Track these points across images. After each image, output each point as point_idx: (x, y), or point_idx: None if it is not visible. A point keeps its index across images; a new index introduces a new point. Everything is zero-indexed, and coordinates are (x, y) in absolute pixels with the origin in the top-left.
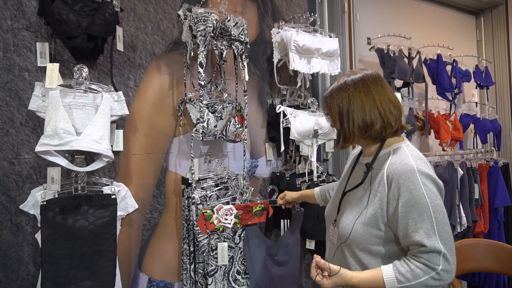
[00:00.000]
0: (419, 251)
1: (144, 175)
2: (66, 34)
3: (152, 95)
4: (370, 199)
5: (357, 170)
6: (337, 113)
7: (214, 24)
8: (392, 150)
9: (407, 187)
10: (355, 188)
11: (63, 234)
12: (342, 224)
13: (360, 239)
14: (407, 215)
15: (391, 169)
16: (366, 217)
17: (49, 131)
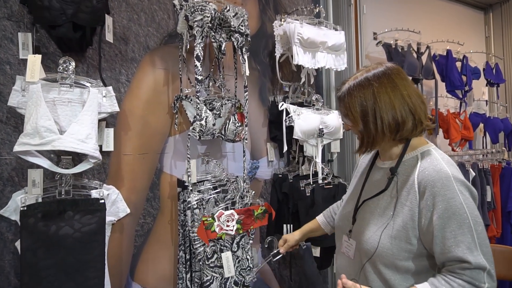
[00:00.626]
0: (461, 267)
1: (136, 177)
2: (49, 23)
3: (146, 91)
4: (398, 209)
5: (375, 175)
6: (359, 114)
7: (212, 14)
8: (419, 154)
9: (443, 195)
10: (377, 195)
11: (46, 243)
12: (364, 236)
13: (387, 253)
14: (445, 227)
15: (423, 176)
16: (394, 229)
17: (29, 129)
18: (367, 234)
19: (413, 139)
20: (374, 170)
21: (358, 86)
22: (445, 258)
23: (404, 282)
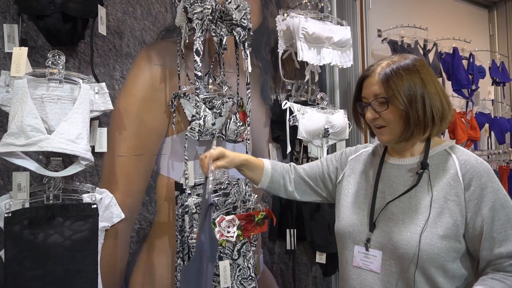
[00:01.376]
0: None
1: (131, 180)
2: (37, 13)
3: (141, 89)
4: (441, 205)
5: (391, 173)
6: (407, 98)
7: (213, 6)
8: (447, 148)
9: (491, 187)
10: (406, 192)
11: (32, 252)
12: (403, 241)
13: (439, 255)
14: (494, 220)
15: (466, 168)
16: (443, 226)
17: (14, 128)
18: (408, 237)
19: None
20: (387, 168)
21: (406, 69)
22: (493, 255)
23: (453, 287)
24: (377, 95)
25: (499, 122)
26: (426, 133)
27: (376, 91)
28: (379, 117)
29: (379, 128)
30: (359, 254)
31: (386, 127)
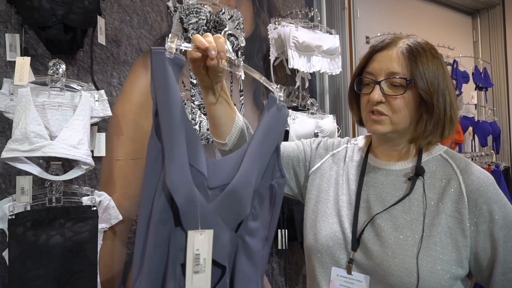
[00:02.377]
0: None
1: (129, 183)
2: (39, 24)
3: (138, 95)
4: (438, 221)
5: (379, 178)
6: (431, 85)
7: (207, 17)
8: (442, 153)
9: (498, 202)
10: (394, 205)
11: (35, 253)
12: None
13: (438, 283)
14: (507, 241)
15: (470, 179)
16: (442, 248)
17: (18, 134)
18: (404, 262)
19: None
20: (372, 172)
21: (430, 50)
22: (508, 279)
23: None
24: (394, 73)
25: (482, 125)
26: (443, 137)
27: (395, 69)
28: (385, 101)
29: (378, 116)
30: (338, 278)
31: (387, 116)
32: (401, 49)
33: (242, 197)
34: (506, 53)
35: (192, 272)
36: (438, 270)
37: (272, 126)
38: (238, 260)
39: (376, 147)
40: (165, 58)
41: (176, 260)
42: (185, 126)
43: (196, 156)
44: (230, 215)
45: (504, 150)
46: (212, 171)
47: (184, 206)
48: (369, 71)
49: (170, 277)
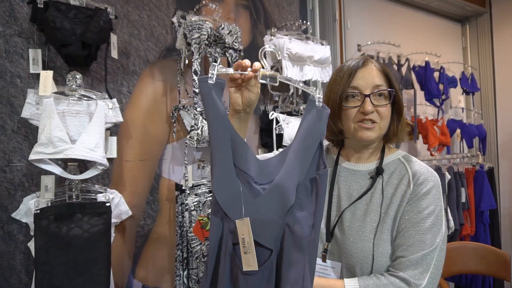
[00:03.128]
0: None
1: (137, 181)
2: (61, 42)
3: (146, 102)
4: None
5: (348, 177)
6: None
7: (208, 32)
8: (401, 157)
9: (434, 198)
10: (358, 200)
11: (57, 243)
12: (358, 250)
13: (387, 262)
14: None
15: (419, 174)
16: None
17: (43, 139)
18: (363, 246)
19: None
20: (342, 172)
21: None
22: (394, 255)
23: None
24: (379, 86)
25: (468, 128)
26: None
27: (378, 82)
28: (374, 111)
29: (370, 124)
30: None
31: (376, 124)
32: (375, 66)
33: (286, 189)
34: (493, 59)
35: (243, 252)
36: (388, 251)
37: (312, 126)
38: (285, 245)
39: (348, 151)
40: (208, 83)
41: (229, 239)
42: (232, 137)
43: (243, 159)
44: (277, 205)
45: (491, 152)
46: (260, 169)
47: (225, 201)
48: (355, 86)
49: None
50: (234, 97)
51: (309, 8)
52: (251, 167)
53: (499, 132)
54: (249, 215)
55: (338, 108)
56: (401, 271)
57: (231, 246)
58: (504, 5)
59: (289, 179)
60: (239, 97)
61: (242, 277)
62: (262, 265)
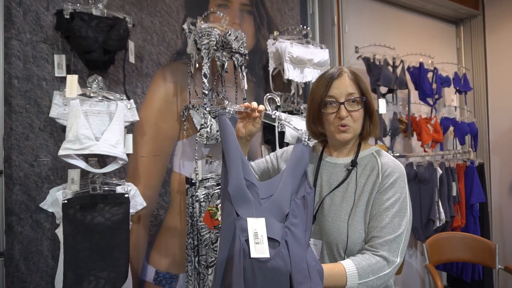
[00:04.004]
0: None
1: (151, 175)
2: (85, 49)
3: (158, 102)
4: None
5: (328, 170)
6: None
7: (216, 38)
8: (374, 152)
9: (400, 187)
10: (336, 188)
11: (82, 230)
12: (335, 229)
13: (360, 240)
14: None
15: (385, 168)
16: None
17: (71, 136)
18: (339, 226)
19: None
20: (325, 165)
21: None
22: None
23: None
24: (352, 94)
25: (460, 126)
26: (374, 136)
27: (351, 91)
28: (349, 116)
29: (345, 127)
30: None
31: (351, 127)
32: (348, 76)
33: (282, 202)
34: (486, 59)
35: (254, 243)
36: (360, 230)
37: (300, 157)
38: (288, 240)
39: (331, 147)
40: (225, 117)
41: (241, 236)
42: (241, 158)
43: (249, 175)
44: (276, 213)
45: (482, 148)
46: (260, 186)
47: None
48: (331, 95)
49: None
50: (239, 127)
51: (309, 13)
52: (255, 181)
53: (491, 129)
54: (259, 216)
55: (318, 114)
56: (380, 251)
57: (244, 241)
58: (496, 8)
59: (284, 194)
60: (243, 128)
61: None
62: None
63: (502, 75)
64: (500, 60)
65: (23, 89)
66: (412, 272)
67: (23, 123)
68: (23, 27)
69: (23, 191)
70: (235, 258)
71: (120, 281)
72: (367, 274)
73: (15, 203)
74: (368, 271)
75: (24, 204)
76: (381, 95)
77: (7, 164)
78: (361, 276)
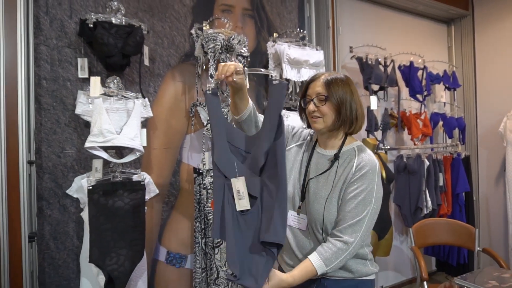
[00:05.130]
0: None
1: (162, 166)
2: (106, 54)
3: (168, 100)
4: (339, 185)
5: (317, 159)
6: (337, 101)
7: (221, 42)
8: (355, 147)
9: (369, 180)
10: (320, 175)
11: (105, 213)
12: (315, 209)
13: (333, 218)
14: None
15: (360, 162)
16: (336, 199)
17: (96, 131)
18: (318, 207)
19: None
20: (316, 155)
21: (341, 81)
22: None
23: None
24: (319, 93)
25: (449, 121)
26: (351, 129)
27: (319, 91)
28: (317, 110)
29: (316, 118)
30: (291, 217)
31: (321, 118)
32: (321, 80)
33: (257, 157)
34: (475, 58)
35: (238, 199)
36: (334, 212)
37: (274, 103)
38: (263, 194)
39: (320, 140)
40: (208, 93)
41: (230, 194)
42: (225, 126)
43: (234, 139)
44: (254, 167)
45: (471, 142)
46: (248, 141)
47: (223, 167)
48: (308, 94)
49: (227, 202)
50: (229, 85)
51: (306, 16)
52: (241, 142)
53: (479, 124)
54: (241, 175)
55: (302, 109)
56: (342, 235)
57: (230, 197)
58: (485, 9)
59: (259, 149)
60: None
61: (241, 217)
62: (252, 207)
63: (490, 73)
64: (488, 58)
65: (50, 89)
66: (403, 257)
67: (51, 119)
68: (50, 33)
69: (51, 179)
70: (226, 210)
71: (137, 259)
72: (331, 261)
73: (44, 190)
74: (332, 259)
75: (52, 191)
76: (373, 92)
77: (38, 155)
78: (327, 264)
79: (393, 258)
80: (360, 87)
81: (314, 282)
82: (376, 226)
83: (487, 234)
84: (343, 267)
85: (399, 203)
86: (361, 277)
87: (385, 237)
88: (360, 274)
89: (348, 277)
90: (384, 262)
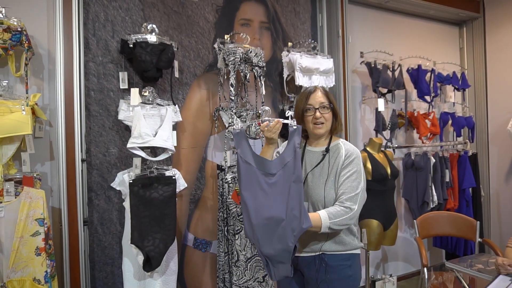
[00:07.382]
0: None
1: (190, 163)
2: (143, 69)
3: (195, 105)
4: (333, 172)
5: (309, 156)
6: (334, 108)
7: (240, 56)
8: (340, 142)
9: (356, 164)
10: (315, 168)
11: (143, 202)
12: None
13: (332, 200)
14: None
15: (347, 151)
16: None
17: (136, 134)
18: (318, 192)
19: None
20: (308, 153)
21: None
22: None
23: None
24: (322, 102)
25: (458, 120)
26: (339, 131)
27: (322, 101)
28: (322, 117)
29: (320, 124)
30: None
31: (324, 124)
32: (320, 91)
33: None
34: (485, 59)
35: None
36: (332, 194)
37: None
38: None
39: (311, 140)
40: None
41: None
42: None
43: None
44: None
45: (482, 139)
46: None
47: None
48: (310, 103)
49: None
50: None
51: (318, 25)
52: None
53: (489, 122)
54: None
55: (301, 117)
56: (345, 203)
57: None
58: (496, 11)
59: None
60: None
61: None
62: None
63: (501, 73)
64: (499, 59)
65: (97, 98)
66: (412, 248)
67: (97, 124)
68: (96, 52)
69: (98, 174)
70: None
71: (170, 242)
72: (335, 216)
73: (93, 183)
74: (336, 214)
75: (99, 184)
76: (380, 95)
77: (87, 155)
78: (330, 218)
79: (402, 249)
80: (369, 90)
81: (316, 257)
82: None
83: (497, 227)
84: (338, 241)
85: (408, 198)
86: (351, 250)
87: (390, 228)
88: (351, 246)
89: (341, 250)
90: (394, 253)
